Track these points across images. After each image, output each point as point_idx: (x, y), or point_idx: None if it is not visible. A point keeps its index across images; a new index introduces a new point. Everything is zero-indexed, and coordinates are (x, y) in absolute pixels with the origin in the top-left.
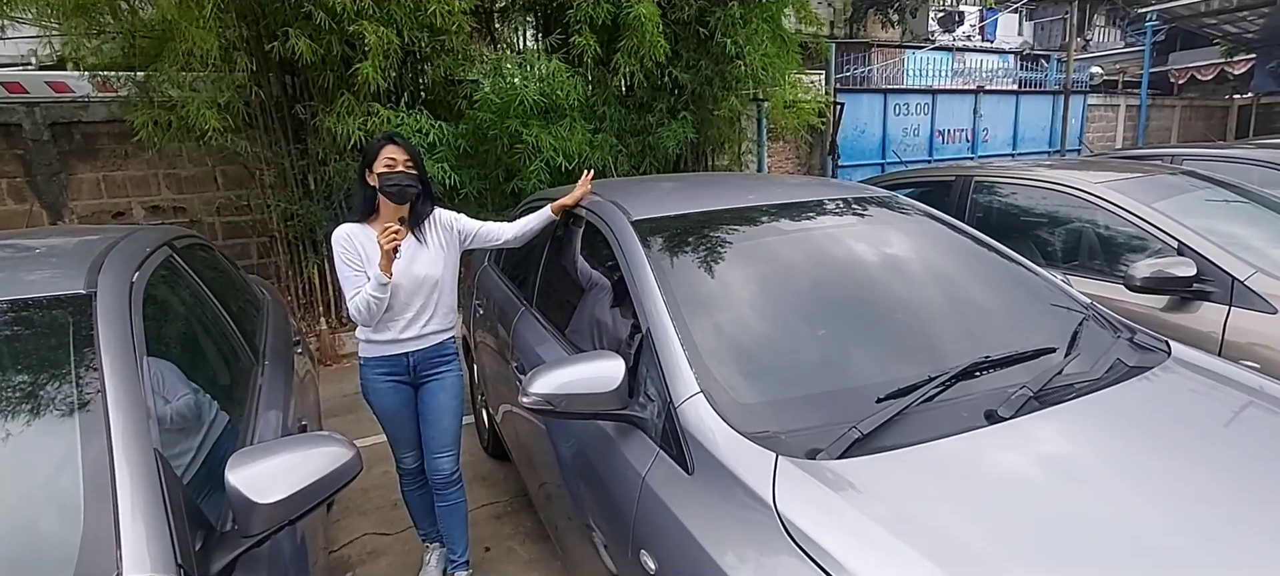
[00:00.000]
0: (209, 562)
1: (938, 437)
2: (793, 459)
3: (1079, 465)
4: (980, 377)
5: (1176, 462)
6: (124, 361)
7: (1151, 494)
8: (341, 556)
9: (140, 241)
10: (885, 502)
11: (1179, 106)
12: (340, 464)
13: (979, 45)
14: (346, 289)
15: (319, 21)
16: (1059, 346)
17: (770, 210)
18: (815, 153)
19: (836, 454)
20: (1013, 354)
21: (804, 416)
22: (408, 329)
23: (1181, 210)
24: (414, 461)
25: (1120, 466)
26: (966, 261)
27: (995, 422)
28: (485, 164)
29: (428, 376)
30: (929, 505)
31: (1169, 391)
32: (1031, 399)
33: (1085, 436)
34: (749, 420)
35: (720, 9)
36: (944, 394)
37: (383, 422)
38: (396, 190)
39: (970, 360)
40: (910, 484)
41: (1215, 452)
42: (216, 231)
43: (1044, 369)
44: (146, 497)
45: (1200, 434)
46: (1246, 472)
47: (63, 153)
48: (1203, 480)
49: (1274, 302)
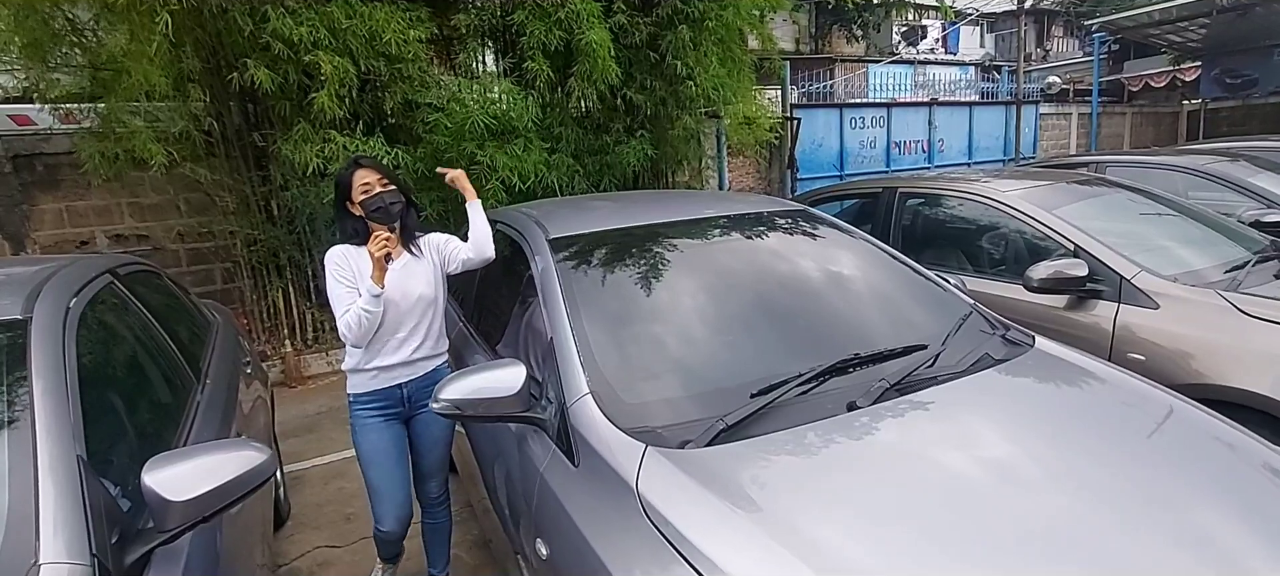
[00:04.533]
0: (124, 554)
1: (798, 425)
2: (661, 448)
3: (913, 439)
4: (853, 373)
5: (1003, 434)
6: (53, 379)
7: (971, 459)
8: (294, 569)
9: (81, 269)
10: (727, 479)
11: (1129, 113)
12: (253, 466)
13: (940, 58)
14: (338, 308)
15: (277, 51)
16: (933, 343)
17: (679, 226)
18: (774, 166)
19: (704, 443)
20: (884, 351)
21: (683, 412)
22: (398, 351)
23: (1081, 215)
24: (396, 525)
25: (950, 438)
26: (860, 269)
27: (852, 410)
28: (444, 186)
29: (421, 408)
30: (767, 478)
31: (1016, 378)
32: (890, 388)
33: (927, 417)
34: (630, 417)
35: (670, 32)
36: (819, 388)
37: (367, 467)
38: (381, 212)
39: (843, 358)
40: (757, 463)
41: (1044, 425)
42: (180, 258)
43: (913, 363)
44: (66, 497)
45: (1033, 410)
46: (1068, 439)
47: (25, 183)
48: (1025, 447)
49: (1156, 299)
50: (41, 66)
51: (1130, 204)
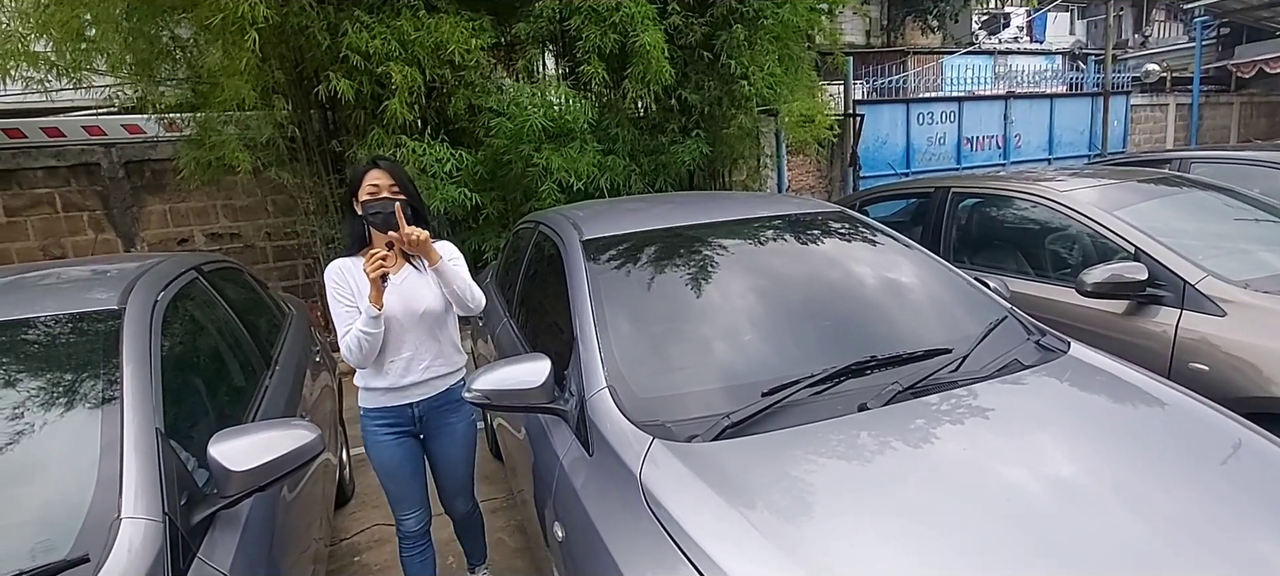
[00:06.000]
0: (191, 514)
1: (804, 424)
2: (667, 441)
3: (917, 439)
4: (871, 375)
5: (1011, 437)
6: (140, 363)
7: (976, 460)
8: (352, 543)
9: (171, 266)
10: (725, 472)
11: (1237, 103)
12: (303, 443)
13: (1022, 47)
14: (338, 327)
15: (354, 63)
16: (960, 347)
17: (709, 227)
18: (835, 165)
19: (710, 438)
20: (905, 354)
21: (695, 408)
22: (408, 372)
23: (1146, 216)
24: (417, 523)
25: (957, 440)
26: (890, 271)
27: (862, 410)
28: (504, 186)
29: (437, 428)
30: (764, 472)
31: (1039, 383)
32: (904, 390)
33: (938, 419)
34: (643, 411)
35: (725, 32)
36: (833, 388)
37: (383, 479)
38: (380, 218)
39: (860, 360)
40: (758, 458)
41: (1056, 429)
42: (268, 255)
43: (934, 366)
44: (145, 464)
45: (1050, 415)
46: (1078, 444)
47: (135, 187)
48: (1033, 450)
49: (1222, 305)
50: (149, 80)
51: (1210, 204)
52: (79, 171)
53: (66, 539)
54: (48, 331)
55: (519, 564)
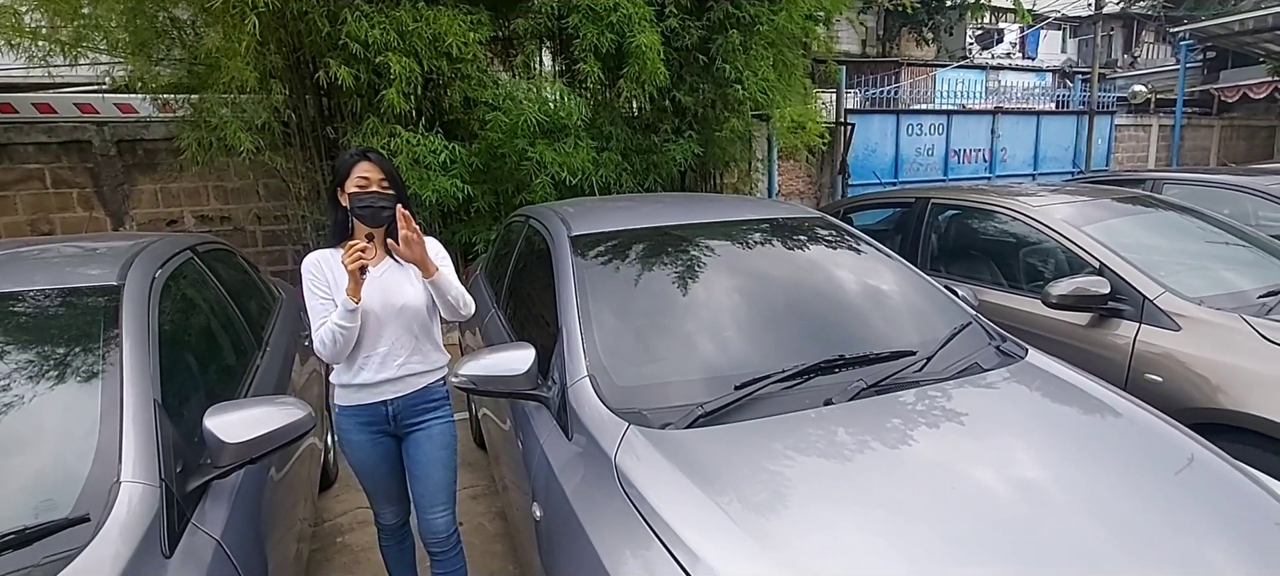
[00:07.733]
0: (186, 482)
1: (772, 415)
2: (642, 427)
3: (876, 431)
4: (839, 373)
5: (963, 430)
6: (139, 336)
7: (930, 451)
8: (336, 524)
9: (167, 245)
10: (695, 457)
11: (1218, 126)
12: (294, 419)
13: (1014, 63)
14: (313, 320)
15: (352, 50)
16: (924, 349)
17: (692, 228)
18: (825, 171)
19: (683, 426)
20: (871, 354)
21: (670, 398)
22: (383, 367)
23: (1114, 233)
24: (394, 517)
25: (913, 433)
26: (862, 275)
27: (827, 405)
28: (497, 179)
29: (413, 427)
30: (732, 457)
31: (995, 384)
32: (867, 388)
33: (896, 414)
34: (621, 399)
35: (721, 36)
36: (802, 384)
37: (359, 477)
38: (368, 212)
39: (828, 359)
40: (727, 445)
41: (1006, 424)
42: (257, 238)
43: (898, 366)
44: (143, 432)
45: (1001, 412)
46: (1024, 438)
47: (126, 166)
48: (982, 442)
49: (1177, 321)
50: (145, 61)
51: (1177, 224)
52: (70, 148)
53: (68, 499)
54: (50, 304)
55: (498, 547)
